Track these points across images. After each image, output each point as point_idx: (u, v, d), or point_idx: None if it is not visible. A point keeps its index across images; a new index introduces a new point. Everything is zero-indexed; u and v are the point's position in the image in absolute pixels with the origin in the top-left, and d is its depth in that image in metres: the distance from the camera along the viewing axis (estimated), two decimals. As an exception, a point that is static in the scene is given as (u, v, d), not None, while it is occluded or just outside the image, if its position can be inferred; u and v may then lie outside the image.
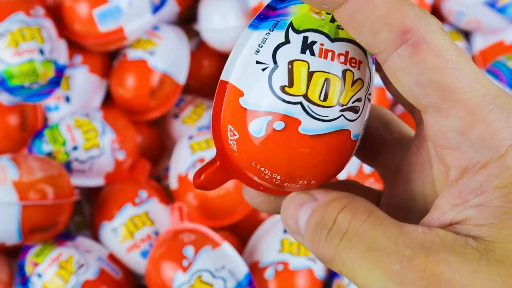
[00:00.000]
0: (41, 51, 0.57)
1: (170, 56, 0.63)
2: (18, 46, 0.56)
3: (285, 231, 0.55)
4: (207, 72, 0.70)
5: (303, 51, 0.20)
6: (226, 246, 0.52)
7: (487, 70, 0.63)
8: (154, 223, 0.57)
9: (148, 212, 0.57)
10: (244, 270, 0.51)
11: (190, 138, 0.60)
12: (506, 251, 0.17)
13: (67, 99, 0.63)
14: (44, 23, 0.59)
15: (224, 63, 0.78)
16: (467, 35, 0.69)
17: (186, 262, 0.50)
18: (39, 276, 0.52)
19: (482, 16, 0.63)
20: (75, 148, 0.58)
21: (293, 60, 0.20)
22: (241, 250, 0.57)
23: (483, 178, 0.18)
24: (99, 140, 0.59)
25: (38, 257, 0.53)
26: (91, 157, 0.58)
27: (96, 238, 0.58)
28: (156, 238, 0.56)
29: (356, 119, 0.21)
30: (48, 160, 0.55)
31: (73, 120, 0.59)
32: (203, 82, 0.70)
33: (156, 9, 0.63)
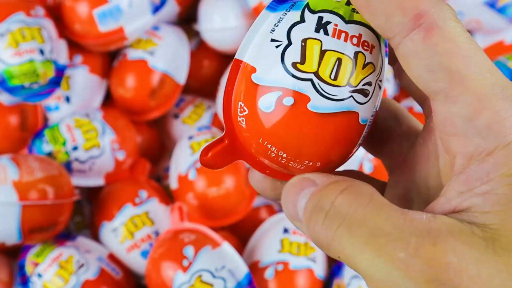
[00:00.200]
0: (41, 51, 0.57)
1: (170, 56, 0.64)
2: (18, 46, 0.56)
3: (285, 231, 0.55)
4: (207, 72, 0.70)
5: (317, 30, 0.20)
6: (226, 246, 0.52)
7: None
8: (154, 223, 0.57)
9: (148, 212, 0.57)
10: (244, 270, 0.51)
11: (190, 138, 0.60)
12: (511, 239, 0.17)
13: (67, 99, 0.63)
14: (44, 23, 0.59)
15: (224, 63, 0.78)
16: (467, 35, 0.69)
17: (186, 262, 0.51)
18: (39, 276, 0.52)
19: (482, 16, 0.63)
20: (75, 148, 0.58)
21: (306, 38, 0.20)
22: (241, 250, 0.57)
23: (489, 165, 0.18)
24: (99, 140, 0.59)
25: (38, 257, 0.53)
26: (91, 157, 0.58)
27: (96, 238, 0.59)
28: (156, 238, 0.56)
29: (365, 103, 0.21)
30: (48, 160, 0.55)
31: (73, 120, 0.59)
32: (203, 82, 0.70)
33: (156, 9, 0.63)
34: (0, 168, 0.52)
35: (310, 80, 0.20)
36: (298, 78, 0.20)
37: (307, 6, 0.21)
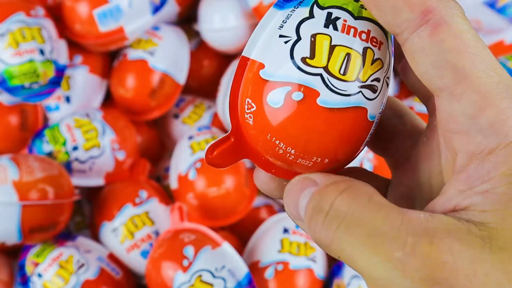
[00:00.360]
0: (41, 51, 0.57)
1: (170, 56, 0.64)
2: (18, 46, 0.56)
3: (285, 231, 0.55)
4: (207, 72, 0.70)
5: (327, 25, 0.20)
6: (226, 246, 0.52)
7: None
8: (154, 223, 0.57)
9: (148, 212, 0.57)
10: (244, 270, 0.51)
11: (190, 138, 0.60)
12: (509, 238, 0.17)
13: (67, 99, 0.63)
14: (45, 23, 0.59)
15: (224, 63, 0.78)
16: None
17: (186, 262, 0.51)
18: (39, 276, 0.52)
19: (482, 16, 0.63)
20: (75, 148, 0.58)
21: (316, 33, 0.20)
22: (241, 250, 0.57)
23: (490, 164, 0.18)
24: (99, 140, 0.59)
25: (38, 257, 0.53)
26: (91, 157, 0.59)
27: (96, 238, 0.59)
28: (156, 238, 0.56)
29: (374, 99, 0.21)
30: (48, 160, 0.55)
31: (73, 120, 0.59)
32: (203, 82, 0.70)
33: (156, 9, 0.63)
34: (0, 168, 0.52)
35: (320, 75, 0.20)
36: (307, 73, 0.20)
37: (316, 2, 0.21)
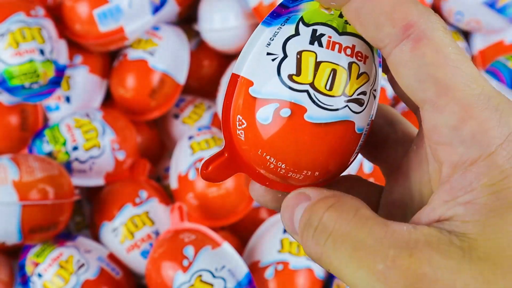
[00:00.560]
0: (41, 51, 0.57)
1: (170, 56, 0.64)
2: (18, 46, 0.56)
3: (285, 231, 0.56)
4: (207, 72, 0.70)
5: (312, 42, 0.21)
6: (226, 246, 0.52)
7: (487, 70, 0.63)
8: (154, 223, 0.57)
9: (148, 212, 0.57)
10: (244, 270, 0.51)
11: (190, 138, 0.60)
12: (488, 248, 0.18)
13: (68, 99, 0.63)
14: (45, 23, 0.59)
15: (224, 63, 0.78)
16: (467, 35, 0.69)
17: (186, 262, 0.51)
18: (39, 276, 0.52)
19: (482, 16, 0.63)
20: (75, 148, 0.58)
21: (301, 51, 0.21)
22: (241, 250, 0.57)
23: (472, 175, 0.19)
24: (99, 140, 0.59)
25: (38, 257, 0.53)
26: (91, 157, 0.59)
27: (96, 238, 0.59)
28: (156, 238, 0.56)
29: (361, 112, 0.22)
30: (48, 160, 0.55)
31: (73, 120, 0.59)
32: (203, 82, 0.70)
33: (156, 9, 0.63)
34: (0, 168, 0.52)
35: (306, 91, 0.21)
36: (294, 90, 0.21)
37: (302, 19, 0.21)
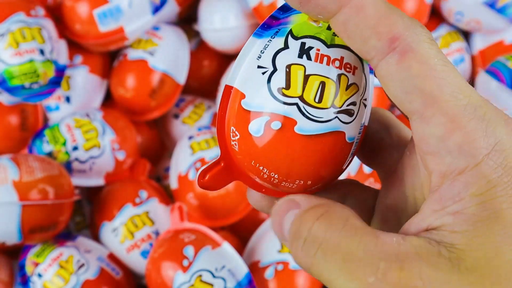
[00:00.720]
0: (41, 51, 0.57)
1: (170, 56, 0.64)
2: (18, 46, 0.56)
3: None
4: (207, 72, 0.70)
5: (300, 55, 0.21)
6: (226, 246, 0.52)
7: (487, 70, 0.63)
8: (154, 223, 0.57)
9: (148, 212, 0.57)
10: (244, 270, 0.51)
11: (190, 138, 0.60)
12: (476, 259, 0.18)
13: (68, 99, 0.63)
14: (45, 23, 0.59)
15: (224, 63, 0.78)
16: (467, 35, 0.69)
17: (186, 262, 0.51)
18: (39, 276, 0.52)
19: (482, 16, 0.63)
20: (75, 148, 0.58)
21: (290, 64, 0.21)
22: (241, 250, 0.57)
23: (460, 185, 0.19)
24: (99, 140, 0.59)
25: (38, 257, 0.53)
26: (91, 157, 0.59)
27: (96, 238, 0.59)
28: (156, 238, 0.56)
29: (351, 122, 0.22)
30: (48, 160, 0.55)
31: (73, 120, 0.59)
32: (203, 82, 0.70)
33: (156, 9, 0.63)
34: (0, 168, 0.52)
35: (296, 104, 0.21)
36: (284, 103, 0.21)
37: (291, 32, 0.22)
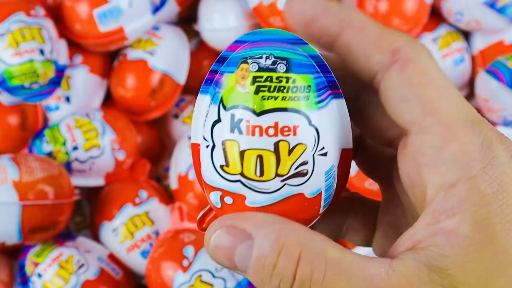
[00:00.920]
0: (41, 51, 0.57)
1: (170, 56, 0.64)
2: (18, 46, 0.56)
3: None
4: (207, 72, 0.70)
5: (232, 130, 0.20)
6: (226, 246, 0.52)
7: (487, 70, 0.63)
8: (154, 223, 0.57)
9: (148, 212, 0.57)
10: (244, 270, 0.51)
11: (190, 138, 0.60)
12: (468, 285, 0.18)
13: (67, 99, 0.63)
14: (45, 23, 0.59)
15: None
16: (467, 35, 0.69)
17: (186, 262, 0.51)
18: (39, 276, 0.52)
19: (482, 16, 0.63)
20: (75, 148, 0.58)
21: (225, 140, 0.20)
22: (241, 250, 0.57)
23: (454, 199, 0.19)
24: (99, 140, 0.59)
25: (38, 257, 0.53)
26: (91, 157, 0.59)
27: (96, 238, 0.59)
28: (156, 238, 0.56)
29: (307, 181, 0.20)
30: (48, 160, 0.55)
31: (73, 120, 0.59)
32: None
33: (156, 9, 0.63)
34: (0, 168, 0.52)
35: (239, 181, 0.20)
36: (228, 180, 0.21)
37: (222, 101, 0.21)
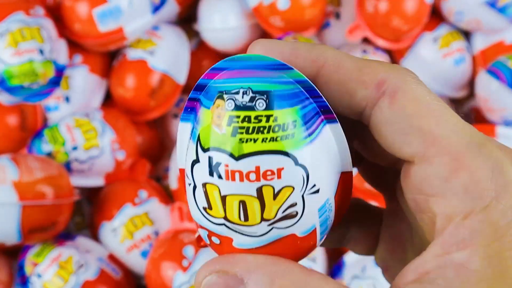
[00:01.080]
0: (41, 51, 0.57)
1: (170, 56, 0.63)
2: (18, 46, 0.56)
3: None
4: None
5: (211, 173, 0.19)
6: (226, 246, 0.52)
7: (488, 70, 0.63)
8: (154, 223, 0.57)
9: (148, 212, 0.57)
10: (244, 270, 0.51)
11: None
12: None
13: (67, 99, 0.63)
14: (44, 23, 0.59)
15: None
16: (467, 35, 0.69)
17: (186, 262, 0.50)
18: (39, 276, 0.52)
19: (482, 16, 0.63)
20: (75, 148, 0.58)
21: (205, 183, 0.19)
22: (241, 250, 0.57)
23: (465, 231, 0.17)
24: (99, 140, 0.59)
25: (38, 257, 0.53)
26: (91, 157, 0.58)
27: (96, 238, 0.58)
28: (156, 238, 0.56)
29: (297, 221, 0.19)
30: (48, 160, 0.55)
31: (73, 120, 0.59)
32: (203, 82, 0.70)
33: (156, 9, 0.63)
34: (0, 168, 0.52)
35: (223, 224, 0.19)
36: (213, 223, 0.19)
37: (199, 140, 0.19)
